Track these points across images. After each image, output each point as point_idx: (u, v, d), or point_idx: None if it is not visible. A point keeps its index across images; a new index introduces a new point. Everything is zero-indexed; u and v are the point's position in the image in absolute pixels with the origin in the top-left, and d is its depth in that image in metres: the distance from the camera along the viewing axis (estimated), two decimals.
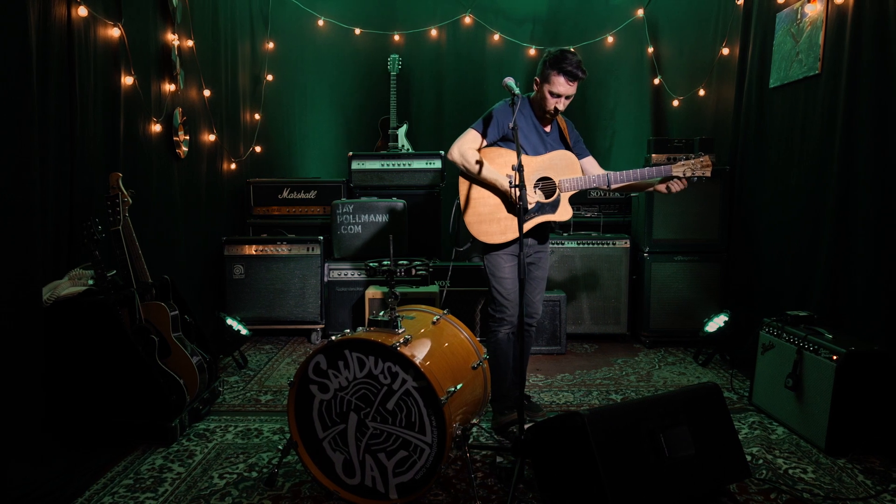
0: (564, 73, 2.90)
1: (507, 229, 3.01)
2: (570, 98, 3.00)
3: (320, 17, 5.78)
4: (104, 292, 2.88)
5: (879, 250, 3.01)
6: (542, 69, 2.98)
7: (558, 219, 3.09)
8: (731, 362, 4.14)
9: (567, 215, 3.09)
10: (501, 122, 2.99)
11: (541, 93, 3.00)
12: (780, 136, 3.93)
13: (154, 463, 2.73)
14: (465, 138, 2.99)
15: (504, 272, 3.07)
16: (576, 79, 2.94)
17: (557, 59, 2.91)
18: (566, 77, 2.91)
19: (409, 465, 2.36)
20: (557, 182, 3.03)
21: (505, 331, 3.09)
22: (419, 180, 5.13)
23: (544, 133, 3.12)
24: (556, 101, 2.98)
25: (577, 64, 2.92)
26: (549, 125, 3.15)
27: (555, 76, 2.92)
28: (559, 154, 3.09)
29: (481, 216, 3.01)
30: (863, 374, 2.78)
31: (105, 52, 3.29)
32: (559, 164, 3.06)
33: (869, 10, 3.11)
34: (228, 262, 4.65)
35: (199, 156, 4.41)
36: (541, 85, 3.00)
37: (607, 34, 5.74)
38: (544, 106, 3.01)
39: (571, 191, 3.05)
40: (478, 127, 3.01)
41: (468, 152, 2.96)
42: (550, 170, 3.04)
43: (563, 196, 3.06)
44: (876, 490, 2.50)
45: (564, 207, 3.07)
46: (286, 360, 4.28)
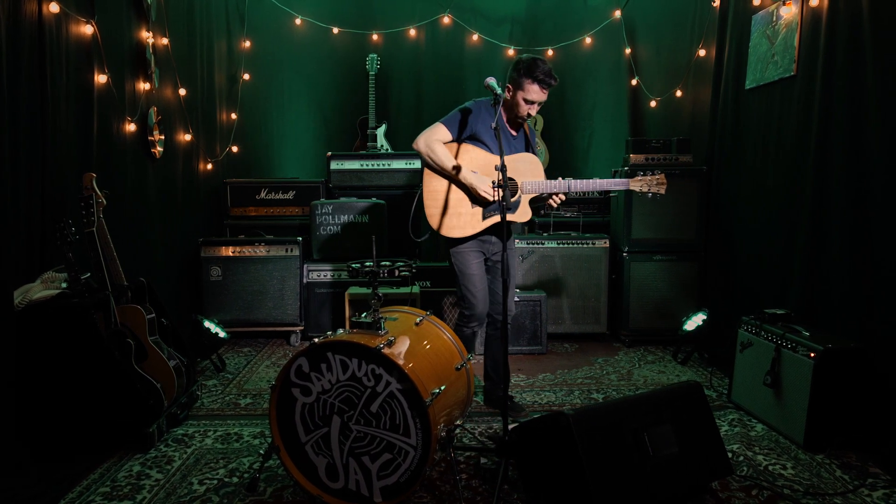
0: (538, 82, 2.98)
1: (468, 224, 3.07)
2: (541, 104, 3.10)
3: (298, 16, 5.72)
4: (78, 295, 2.80)
5: (855, 249, 3.06)
6: (516, 77, 3.04)
7: (518, 219, 3.17)
8: (709, 360, 4.19)
9: (526, 217, 3.18)
10: (471, 121, 3.05)
11: (514, 99, 3.07)
12: (756, 136, 3.98)
13: (131, 470, 2.67)
14: (432, 130, 3.04)
15: (471, 269, 3.12)
16: (548, 86, 3.03)
17: (531, 68, 2.98)
18: (540, 85, 2.98)
19: (393, 467, 2.33)
20: (520, 184, 3.10)
21: (472, 327, 3.14)
22: (399, 180, 5.10)
23: (511, 137, 3.20)
24: (530, 108, 3.07)
25: (549, 72, 3.00)
26: (517, 130, 3.23)
27: (528, 84, 2.99)
28: (524, 156, 3.16)
29: (443, 209, 3.06)
30: (840, 371, 2.82)
31: (78, 50, 3.22)
32: (523, 166, 3.12)
33: (843, 12, 3.17)
34: (205, 263, 4.58)
35: (175, 156, 4.33)
36: (514, 91, 3.06)
37: (585, 35, 5.78)
38: (517, 111, 3.09)
39: (532, 193, 3.13)
40: (447, 122, 3.06)
41: (434, 144, 3.02)
42: (514, 171, 3.09)
43: (524, 198, 3.13)
44: (854, 485, 2.54)
45: (524, 209, 3.16)
46: (265, 362, 4.23)
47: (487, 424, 3.14)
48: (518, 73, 3.02)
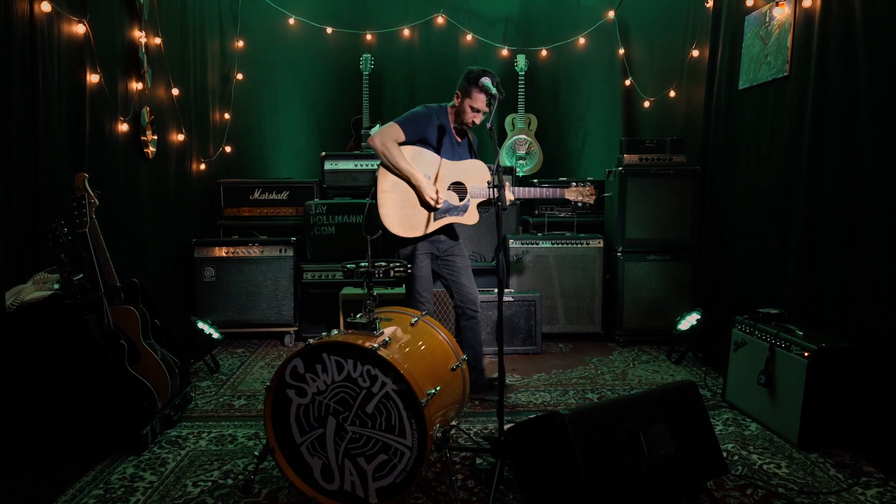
0: (484, 92, 3.13)
1: (419, 224, 3.26)
2: (488, 114, 3.18)
3: (291, 16, 5.71)
4: (71, 297, 2.78)
5: (848, 249, 3.08)
6: (465, 85, 3.23)
7: (466, 222, 3.38)
8: (703, 360, 4.20)
9: (474, 219, 3.39)
10: (424, 124, 3.25)
11: (461, 106, 3.27)
12: (749, 136, 4.00)
13: (125, 472, 2.65)
14: (389, 130, 3.21)
15: (422, 271, 3.32)
16: (495, 98, 3.10)
17: (479, 77, 3.15)
18: (488, 96, 3.09)
19: (389, 468, 2.33)
20: (469, 188, 3.33)
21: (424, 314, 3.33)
22: None
23: (457, 143, 3.39)
24: (475, 116, 3.27)
25: (497, 84, 3.13)
26: (462, 137, 3.42)
27: (476, 93, 3.19)
28: (473, 163, 3.38)
29: (396, 209, 3.23)
30: (833, 370, 2.84)
31: (70, 49, 3.20)
32: (473, 171, 3.35)
33: (836, 13, 3.18)
34: (199, 264, 4.56)
35: (168, 156, 4.31)
36: (462, 99, 3.26)
37: (579, 35, 5.79)
38: (463, 118, 3.28)
39: (479, 198, 3.34)
40: (401, 123, 3.23)
41: (390, 143, 3.18)
42: (464, 176, 3.33)
43: (472, 201, 3.35)
44: (848, 483, 2.55)
45: (472, 212, 3.37)
46: (259, 363, 4.21)
47: (483, 425, 3.14)
48: (468, 81, 3.22)
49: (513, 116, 5.69)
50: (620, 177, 4.56)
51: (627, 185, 4.55)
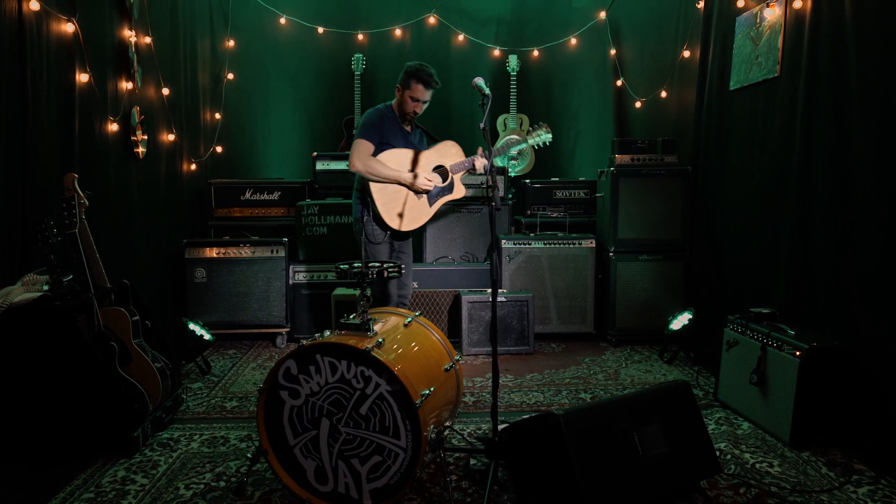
0: (422, 82, 3.47)
1: (422, 214, 3.63)
2: (427, 103, 3.57)
3: (282, 16, 5.68)
4: (60, 298, 2.75)
5: (839, 249, 3.10)
6: (405, 78, 3.52)
7: (457, 196, 3.76)
8: (695, 359, 4.22)
9: (462, 192, 3.77)
10: (380, 127, 3.52)
11: (403, 98, 3.55)
12: (740, 136, 4.02)
13: (116, 475, 2.63)
14: (360, 148, 3.48)
15: (380, 255, 3.60)
16: (430, 87, 3.51)
17: (416, 70, 3.48)
18: (423, 85, 3.48)
19: (383, 470, 2.32)
20: (449, 167, 3.68)
21: None
22: None
23: (408, 133, 3.67)
24: (416, 105, 3.54)
25: (432, 74, 3.50)
26: (410, 126, 3.69)
27: (415, 84, 3.49)
28: (444, 145, 3.72)
29: (396, 210, 3.54)
30: (825, 369, 2.85)
31: (59, 48, 3.17)
32: (446, 152, 3.70)
33: (826, 14, 3.20)
34: (190, 265, 4.53)
35: (158, 156, 4.28)
36: (402, 91, 3.54)
37: (571, 36, 5.81)
38: (405, 108, 3.56)
39: (460, 172, 3.70)
40: (366, 136, 3.50)
41: (370, 161, 3.47)
42: (441, 158, 3.68)
43: (455, 178, 3.70)
44: (839, 482, 2.57)
45: (458, 187, 3.75)
46: (251, 364, 4.19)
47: (476, 425, 3.14)
48: (407, 75, 3.51)
49: (505, 117, 5.70)
50: (612, 177, 4.57)
51: (619, 186, 4.56)
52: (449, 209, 4.94)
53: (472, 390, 3.66)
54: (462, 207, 4.94)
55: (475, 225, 4.96)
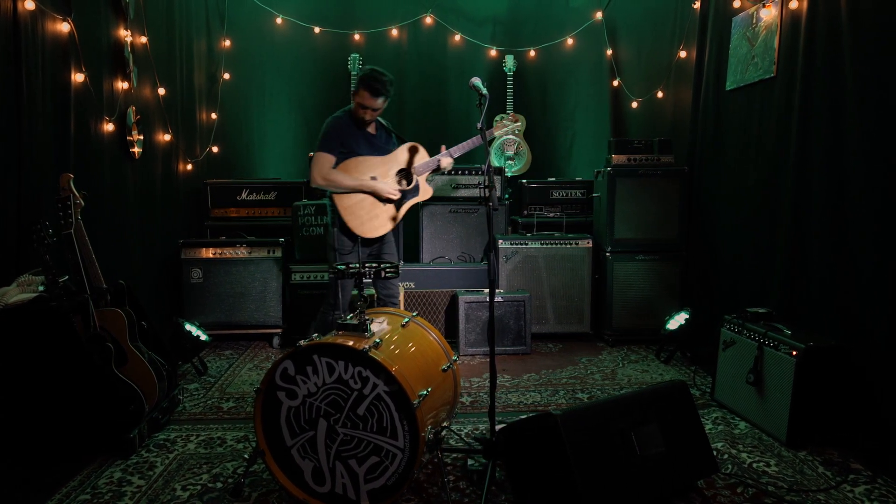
0: (368, 89, 3.44)
1: (388, 220, 3.61)
2: (378, 110, 3.53)
3: (278, 15, 5.67)
4: (56, 299, 2.75)
5: (835, 248, 3.11)
6: (356, 85, 3.51)
7: (423, 198, 3.75)
8: (691, 359, 4.22)
9: (429, 193, 3.75)
10: (339, 136, 3.51)
11: (355, 103, 3.53)
12: (736, 136, 4.02)
13: (112, 476, 2.62)
14: (319, 161, 3.48)
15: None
16: (378, 94, 3.45)
17: (364, 77, 3.47)
18: (369, 92, 3.44)
19: (380, 470, 2.31)
20: (414, 169, 3.66)
21: (337, 314, 3.59)
22: None
23: (371, 136, 3.65)
24: (365, 112, 3.51)
25: (383, 82, 3.45)
26: (371, 128, 3.66)
27: (362, 90, 3.46)
28: (406, 147, 3.69)
29: (362, 217, 3.54)
30: (821, 369, 2.86)
31: (54, 48, 3.15)
32: (408, 155, 3.67)
33: (822, 15, 3.21)
34: (186, 265, 4.51)
35: (154, 156, 4.27)
36: (354, 97, 3.53)
37: (567, 36, 5.81)
38: (358, 114, 3.54)
39: (425, 173, 3.68)
40: (324, 148, 3.49)
41: (331, 174, 3.48)
42: (404, 162, 3.65)
43: (420, 179, 3.68)
44: (836, 481, 2.58)
45: (424, 188, 3.73)
46: (248, 365, 4.18)
47: (474, 425, 3.14)
48: (357, 81, 3.51)
49: (501, 117, 5.69)
50: (609, 177, 4.58)
51: (616, 186, 4.57)
52: (445, 209, 4.94)
53: (469, 390, 3.66)
54: (459, 207, 4.95)
55: (472, 225, 4.96)
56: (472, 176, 5.01)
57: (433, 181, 4.94)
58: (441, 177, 4.97)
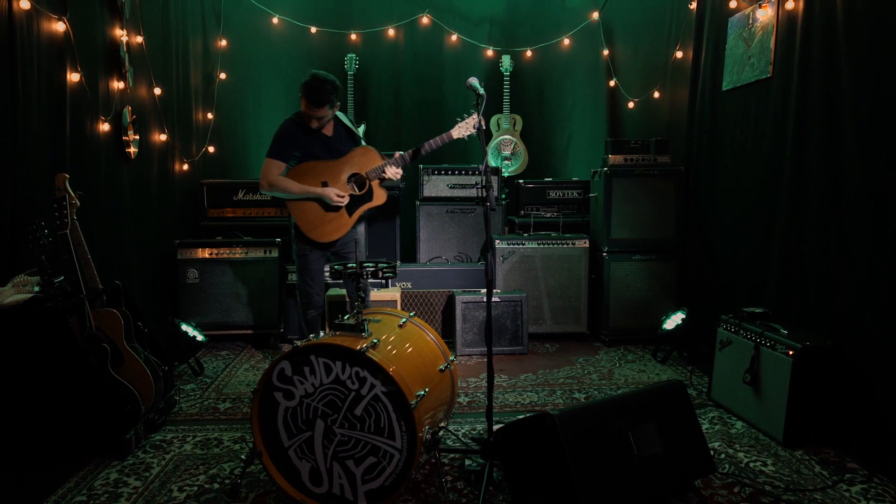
0: (309, 100, 3.40)
1: (342, 225, 3.59)
2: (322, 118, 3.45)
3: (275, 15, 5.66)
4: (52, 299, 2.73)
5: (831, 247, 3.11)
6: (300, 90, 3.44)
7: (377, 203, 3.67)
8: (688, 359, 4.23)
9: (383, 198, 3.68)
10: (291, 142, 3.49)
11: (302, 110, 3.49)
12: (733, 137, 4.03)
13: (108, 477, 2.61)
14: (267, 168, 3.48)
15: (314, 266, 3.62)
16: (319, 104, 3.39)
17: (305, 86, 3.41)
18: (310, 102, 3.40)
19: (378, 471, 2.31)
20: (365, 174, 3.60)
21: (316, 310, 3.68)
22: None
23: (328, 137, 3.59)
24: (311, 121, 3.47)
25: (325, 91, 3.38)
26: (328, 128, 3.60)
27: (303, 99, 3.43)
28: (358, 151, 3.63)
29: (314, 222, 3.54)
30: (818, 368, 2.87)
31: (49, 48, 3.14)
32: (362, 159, 3.62)
33: (818, 15, 3.22)
34: (182, 265, 4.50)
35: (150, 156, 4.25)
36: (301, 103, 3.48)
37: (564, 36, 5.81)
38: (307, 120, 3.49)
39: (377, 178, 3.61)
40: (275, 155, 3.49)
41: (279, 181, 3.47)
42: (356, 166, 3.60)
43: (373, 184, 3.62)
44: (833, 480, 2.58)
45: (378, 192, 3.66)
46: (244, 366, 4.17)
47: (471, 426, 3.14)
48: (301, 88, 3.44)
49: (498, 117, 5.70)
50: (606, 177, 4.58)
51: (613, 186, 4.57)
52: (442, 210, 4.94)
53: (466, 391, 3.65)
54: (456, 208, 4.94)
55: (469, 225, 4.96)
56: (469, 176, 5.01)
57: (430, 181, 4.97)
58: (438, 177, 4.98)
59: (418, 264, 4.80)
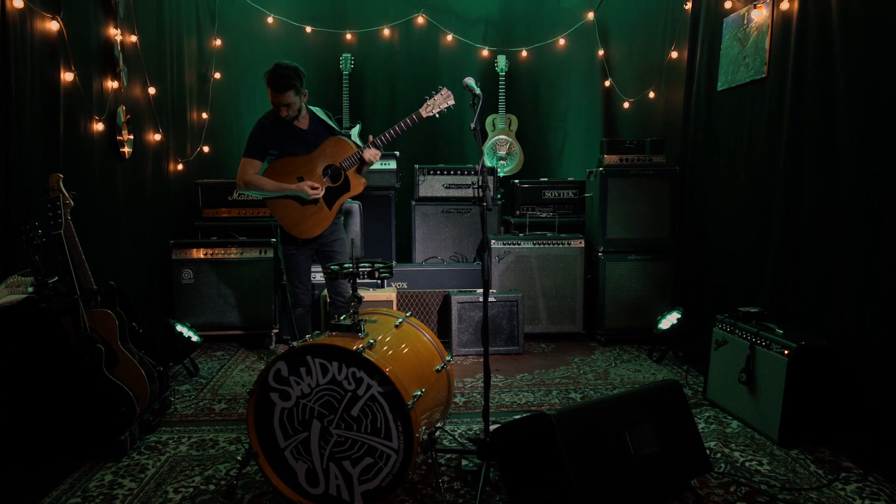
0: (270, 86, 3.42)
1: (323, 219, 3.56)
2: (289, 104, 3.44)
3: (270, 15, 5.64)
4: (46, 300, 2.72)
5: (826, 247, 3.12)
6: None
7: (355, 193, 3.64)
8: (683, 358, 4.24)
9: (361, 187, 3.64)
10: (266, 139, 3.48)
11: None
12: (728, 137, 4.04)
13: (103, 479, 2.60)
14: (244, 168, 3.46)
15: (301, 266, 3.63)
16: (281, 90, 3.39)
17: (266, 75, 3.44)
18: (272, 89, 3.41)
19: (375, 472, 2.30)
20: (339, 164, 3.57)
21: (304, 307, 3.69)
22: (374, 181, 5.05)
23: (303, 131, 3.58)
24: (280, 109, 3.46)
25: (284, 76, 3.40)
26: (303, 122, 3.59)
27: (269, 89, 3.44)
28: (329, 142, 3.59)
29: (295, 219, 3.52)
30: (813, 368, 2.88)
31: (43, 47, 3.12)
32: (335, 150, 3.58)
33: (813, 16, 3.23)
34: (177, 266, 4.49)
35: (145, 156, 4.23)
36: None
37: (559, 36, 5.82)
38: (277, 111, 3.48)
39: (352, 167, 3.58)
40: (250, 154, 3.47)
41: (255, 180, 3.45)
42: (329, 158, 3.57)
43: (349, 174, 3.59)
44: (828, 479, 2.59)
45: (355, 182, 3.62)
46: (239, 366, 4.15)
47: (467, 426, 3.13)
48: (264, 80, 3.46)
49: (493, 117, 5.70)
50: (601, 177, 4.59)
51: (608, 186, 4.58)
52: (438, 210, 4.93)
53: (462, 391, 3.65)
54: (451, 208, 4.94)
55: (464, 225, 4.95)
56: (464, 176, 5.01)
57: (426, 181, 4.97)
58: (434, 177, 4.98)
59: (414, 264, 4.79)
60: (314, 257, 3.73)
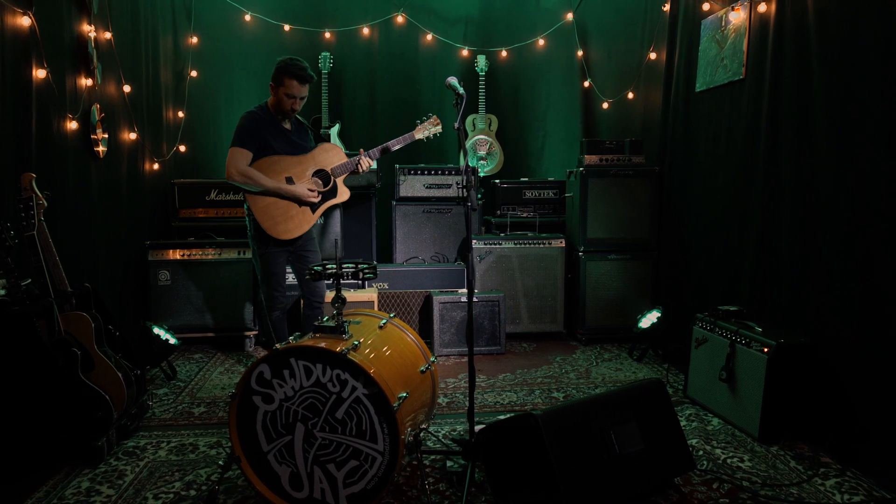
0: (296, 77, 3.36)
1: (303, 222, 3.53)
2: (304, 99, 3.45)
3: (247, 12, 5.56)
4: (19, 303, 2.64)
5: (803, 246, 3.17)
6: (277, 76, 3.40)
7: (340, 200, 3.67)
8: (664, 357, 4.28)
9: (346, 195, 3.68)
10: (256, 133, 3.40)
11: (278, 96, 3.43)
12: (706, 137, 4.08)
13: (80, 486, 2.53)
14: (236, 157, 3.35)
15: (279, 268, 3.58)
16: (305, 81, 3.39)
17: (289, 65, 3.37)
18: (297, 80, 3.37)
19: (360, 474, 2.28)
20: (330, 170, 3.58)
21: (280, 310, 3.65)
22: (354, 181, 4.99)
23: (288, 131, 3.55)
24: (292, 102, 3.42)
25: (306, 68, 3.40)
26: (290, 124, 3.57)
27: (288, 80, 3.36)
28: (323, 147, 3.63)
29: (276, 218, 3.45)
30: (792, 365, 2.92)
31: (14, 43, 3.03)
32: (327, 155, 3.61)
33: (790, 18, 3.27)
34: (153, 267, 4.41)
35: (120, 155, 4.15)
36: (276, 89, 3.42)
37: (538, 37, 5.83)
38: (283, 107, 3.43)
39: (343, 174, 3.61)
40: (241, 144, 3.38)
41: (247, 170, 3.36)
42: (321, 163, 3.58)
43: (338, 181, 3.62)
44: (808, 475, 2.63)
45: (342, 190, 3.66)
46: (218, 369, 4.09)
47: (451, 427, 3.12)
48: (279, 71, 3.40)
49: (473, 117, 5.69)
50: (581, 177, 4.61)
51: (588, 186, 4.60)
52: (419, 210, 4.91)
53: (445, 391, 3.64)
54: (432, 208, 4.93)
55: (446, 225, 4.94)
56: (445, 176, 5.00)
57: (406, 181, 4.95)
58: (414, 177, 4.96)
59: (395, 265, 4.77)
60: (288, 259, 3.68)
